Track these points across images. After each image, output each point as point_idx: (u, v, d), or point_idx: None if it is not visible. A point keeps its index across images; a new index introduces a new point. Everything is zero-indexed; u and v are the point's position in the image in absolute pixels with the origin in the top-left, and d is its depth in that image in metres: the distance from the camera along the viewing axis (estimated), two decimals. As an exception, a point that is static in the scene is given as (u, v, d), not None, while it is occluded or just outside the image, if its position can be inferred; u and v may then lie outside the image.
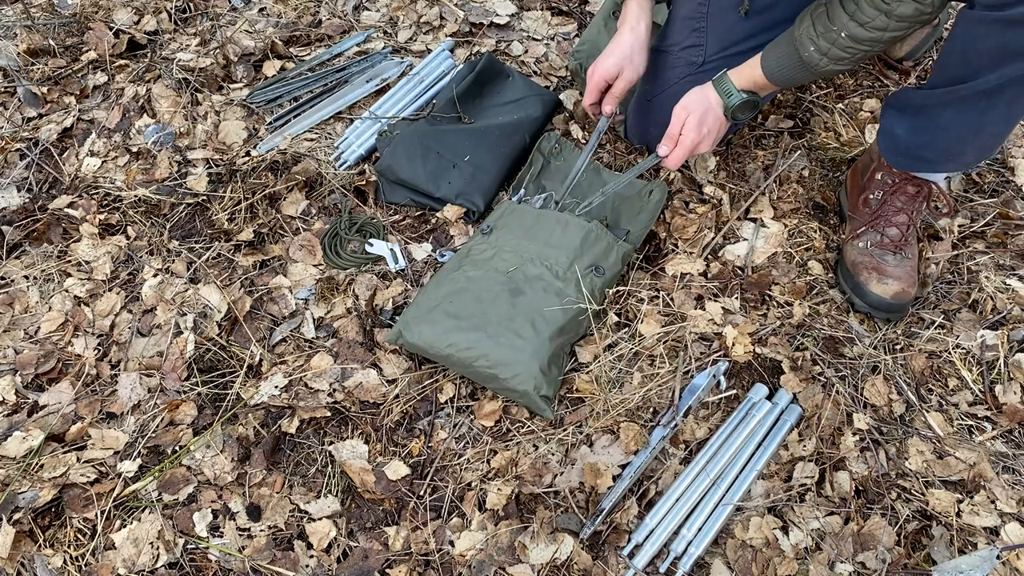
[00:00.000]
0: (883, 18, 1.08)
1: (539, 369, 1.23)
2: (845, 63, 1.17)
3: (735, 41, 1.36)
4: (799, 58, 1.19)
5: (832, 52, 1.15)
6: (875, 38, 1.11)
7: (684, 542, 1.12)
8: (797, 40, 1.18)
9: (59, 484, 1.20)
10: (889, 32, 1.10)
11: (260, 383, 1.32)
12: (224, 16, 1.95)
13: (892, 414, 1.25)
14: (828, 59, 1.16)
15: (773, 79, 1.25)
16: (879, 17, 1.08)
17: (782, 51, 1.22)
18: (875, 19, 1.08)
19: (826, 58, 1.16)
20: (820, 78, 1.27)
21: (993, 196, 1.55)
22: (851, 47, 1.13)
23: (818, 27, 1.15)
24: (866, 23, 1.09)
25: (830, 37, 1.14)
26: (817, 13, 1.16)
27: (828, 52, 1.15)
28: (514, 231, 1.39)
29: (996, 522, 1.13)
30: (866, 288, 1.33)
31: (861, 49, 1.13)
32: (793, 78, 1.24)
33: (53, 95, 1.79)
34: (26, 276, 1.49)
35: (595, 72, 1.40)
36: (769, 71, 1.24)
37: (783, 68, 1.23)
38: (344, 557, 1.16)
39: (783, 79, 1.24)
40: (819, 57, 1.16)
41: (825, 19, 1.14)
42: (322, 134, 1.71)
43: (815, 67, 1.18)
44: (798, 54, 1.19)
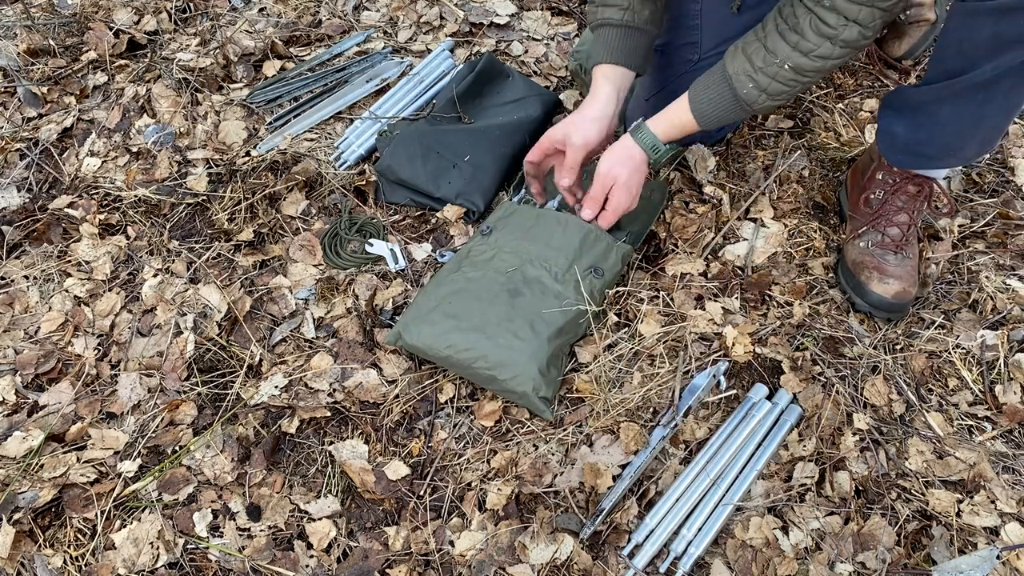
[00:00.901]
0: (828, 45, 1.08)
1: (538, 370, 1.22)
2: (783, 98, 1.16)
3: (729, 37, 1.36)
4: (734, 97, 1.17)
5: (772, 87, 1.14)
6: (818, 67, 1.10)
7: (684, 542, 1.12)
8: (732, 78, 1.16)
9: (59, 484, 1.20)
10: (832, 60, 1.09)
11: (260, 383, 1.32)
12: (224, 16, 1.95)
13: (892, 414, 1.25)
14: (767, 95, 1.15)
15: (704, 122, 1.22)
16: (824, 44, 1.08)
17: (713, 92, 1.19)
18: (820, 46, 1.08)
19: (765, 94, 1.15)
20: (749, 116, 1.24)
21: (993, 196, 1.55)
22: (793, 79, 1.12)
23: (755, 62, 1.13)
24: (810, 51, 1.09)
25: (770, 71, 1.12)
26: (752, 48, 1.14)
27: (768, 87, 1.14)
28: (514, 232, 1.38)
29: (996, 522, 1.13)
30: (867, 288, 1.33)
31: (802, 81, 1.13)
32: (725, 118, 1.22)
33: (53, 95, 1.79)
34: (26, 276, 1.49)
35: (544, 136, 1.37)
36: (700, 114, 1.22)
37: (716, 109, 1.20)
38: (344, 557, 1.16)
39: (715, 120, 1.22)
40: (758, 94, 1.15)
41: (763, 53, 1.12)
42: (322, 134, 1.71)
43: (752, 104, 1.16)
44: (733, 93, 1.16)
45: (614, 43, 1.32)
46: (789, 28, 1.10)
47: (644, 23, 1.32)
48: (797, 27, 1.09)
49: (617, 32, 1.31)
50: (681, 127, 1.25)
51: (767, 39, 1.12)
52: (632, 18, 1.30)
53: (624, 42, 1.32)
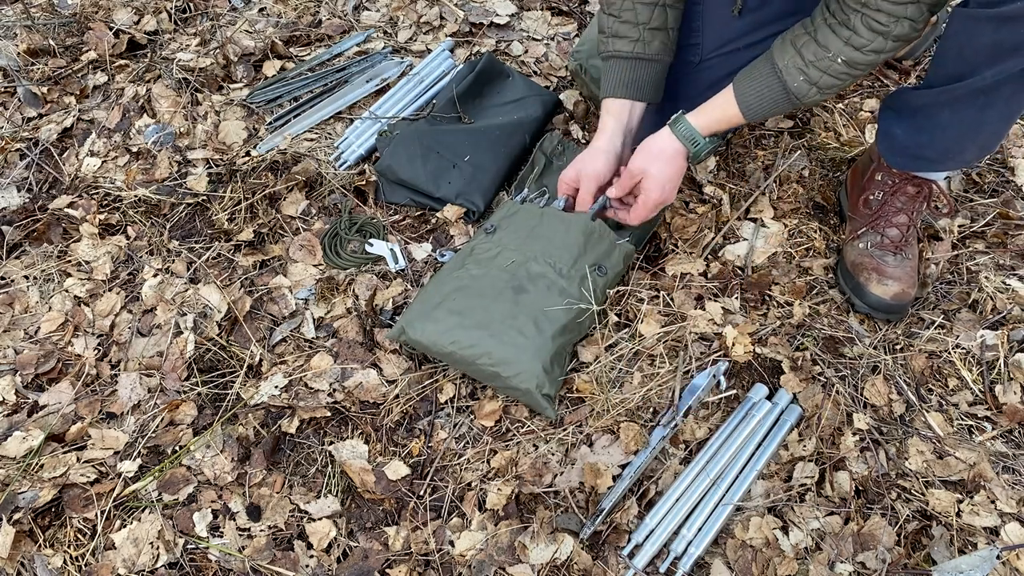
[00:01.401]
0: (880, 40, 1.08)
1: (541, 368, 1.23)
2: (832, 91, 1.16)
3: (730, 39, 1.37)
4: (784, 90, 1.16)
5: (824, 80, 1.13)
6: (871, 61, 1.10)
7: (684, 542, 1.12)
8: (782, 71, 1.15)
9: (59, 484, 1.20)
10: (885, 54, 1.10)
11: (260, 383, 1.32)
12: (224, 16, 1.95)
13: (892, 414, 1.25)
14: (817, 88, 1.14)
15: (752, 115, 1.21)
16: (877, 39, 1.08)
17: (762, 84, 1.18)
18: (873, 41, 1.08)
19: (815, 87, 1.14)
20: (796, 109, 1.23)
21: (993, 196, 1.55)
22: (845, 73, 1.12)
23: (806, 55, 1.13)
24: (864, 46, 1.09)
25: (822, 65, 1.12)
26: (802, 42, 1.13)
27: (819, 80, 1.13)
28: (518, 230, 1.39)
29: (996, 522, 1.13)
30: (866, 289, 1.33)
31: (854, 74, 1.12)
32: (772, 111, 1.21)
33: (53, 95, 1.79)
34: (26, 276, 1.49)
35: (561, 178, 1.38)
36: (747, 107, 1.20)
37: (764, 102, 1.19)
38: (344, 557, 1.16)
39: (761, 112, 1.21)
40: (808, 87, 1.14)
41: (814, 47, 1.12)
42: (322, 134, 1.71)
43: (803, 97, 1.16)
44: (783, 86, 1.16)
45: (623, 76, 1.32)
46: (839, 23, 1.09)
47: (655, 53, 1.32)
48: (848, 23, 1.08)
49: (626, 65, 1.32)
50: (726, 120, 1.23)
51: (817, 33, 1.12)
52: (642, 49, 1.31)
53: (632, 74, 1.32)
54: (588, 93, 1.70)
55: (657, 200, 1.29)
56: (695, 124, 1.24)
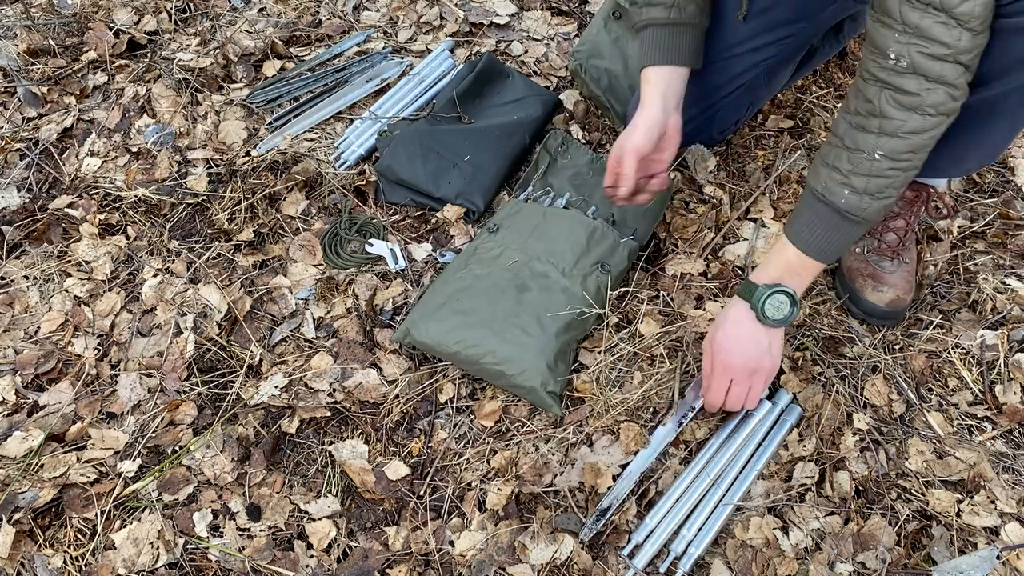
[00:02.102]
0: (915, 117, 0.96)
1: (546, 365, 1.23)
2: (889, 193, 1.02)
3: (734, 44, 1.36)
4: (835, 212, 1.04)
5: (872, 184, 1.01)
6: (914, 145, 0.98)
7: (684, 542, 1.12)
8: (823, 193, 1.04)
9: (59, 484, 1.20)
10: (926, 132, 0.97)
11: (260, 383, 1.32)
12: (224, 16, 1.95)
13: (892, 414, 1.25)
14: (869, 196, 1.02)
15: (811, 250, 1.08)
16: (911, 117, 0.96)
17: (809, 216, 1.07)
18: (908, 121, 0.96)
19: (867, 196, 1.02)
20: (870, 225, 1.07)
21: (993, 196, 1.55)
22: (891, 168, 1.00)
23: (842, 167, 1.02)
24: (899, 129, 0.97)
25: (863, 168, 1.01)
26: (833, 156, 1.03)
27: (867, 187, 1.02)
28: (521, 230, 1.39)
29: (996, 522, 1.13)
30: (861, 296, 1.33)
31: (901, 167, 1.00)
32: (836, 240, 1.07)
33: (53, 95, 1.79)
34: (26, 276, 1.49)
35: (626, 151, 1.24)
36: (803, 243, 1.08)
37: (818, 232, 1.07)
38: (344, 557, 1.16)
39: (824, 246, 1.08)
40: (858, 198, 1.02)
41: (847, 154, 1.01)
42: (322, 134, 1.71)
43: (858, 212, 1.03)
44: (833, 208, 1.04)
45: (660, 43, 1.26)
46: (865, 115, 0.99)
47: (691, 17, 1.26)
48: (874, 111, 0.98)
49: (663, 31, 1.26)
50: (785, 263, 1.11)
51: (845, 139, 1.02)
52: (679, 15, 1.25)
53: (671, 40, 1.26)
54: (588, 93, 1.70)
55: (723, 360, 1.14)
56: (753, 279, 1.13)
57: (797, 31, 1.37)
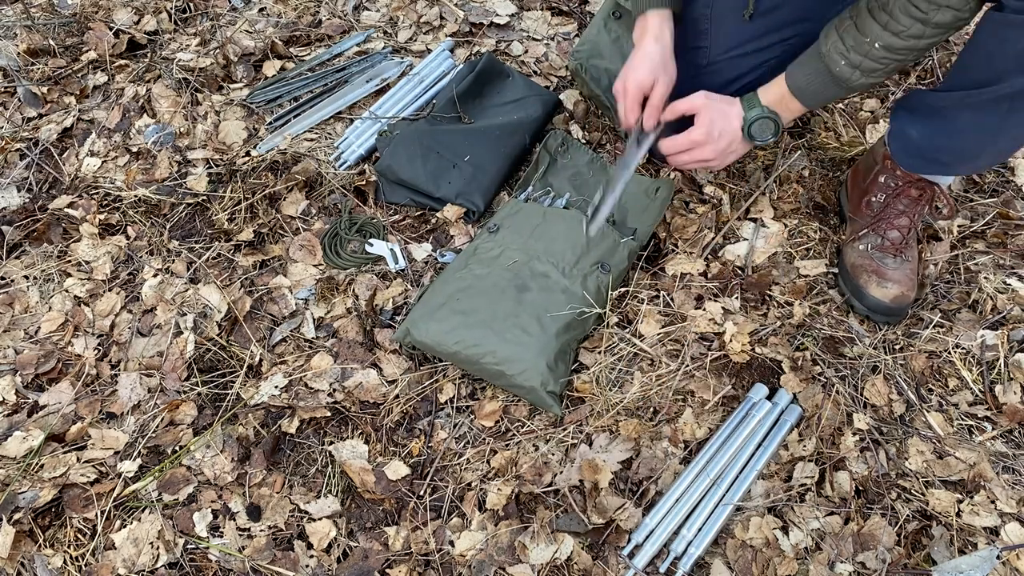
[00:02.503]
0: (919, 26, 1.05)
1: (546, 365, 1.23)
2: (878, 75, 1.14)
3: (739, 43, 1.36)
4: (830, 74, 1.16)
5: (865, 64, 1.12)
6: (910, 47, 1.08)
7: (684, 542, 1.12)
8: (825, 56, 1.15)
9: (59, 484, 1.20)
10: (925, 39, 1.07)
11: (260, 383, 1.32)
12: (224, 16, 1.95)
13: (892, 414, 1.25)
14: (861, 72, 1.13)
15: (802, 97, 1.21)
16: (915, 25, 1.06)
17: (810, 69, 1.19)
18: (911, 27, 1.06)
19: (858, 71, 1.13)
20: (852, 93, 1.23)
21: (993, 196, 1.55)
22: (886, 57, 1.10)
23: (847, 40, 1.12)
24: (901, 32, 1.07)
25: (862, 49, 1.11)
26: (844, 27, 1.13)
27: (860, 64, 1.12)
28: (521, 230, 1.39)
29: (996, 522, 1.13)
30: (865, 291, 1.33)
31: (895, 59, 1.11)
32: (823, 95, 1.20)
33: (53, 95, 1.79)
34: (26, 276, 1.49)
35: (628, 85, 1.30)
36: (797, 89, 1.20)
37: (812, 84, 1.19)
38: (344, 557, 1.16)
39: (812, 96, 1.21)
40: (851, 71, 1.14)
41: (854, 31, 1.11)
42: (322, 134, 1.71)
43: (847, 81, 1.15)
44: (828, 70, 1.15)
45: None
46: (879, 7, 1.08)
47: None
48: (886, 7, 1.07)
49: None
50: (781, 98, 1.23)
51: (858, 18, 1.11)
52: None
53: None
54: (588, 93, 1.70)
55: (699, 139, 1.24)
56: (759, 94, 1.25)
57: (802, 31, 1.37)
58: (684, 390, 1.28)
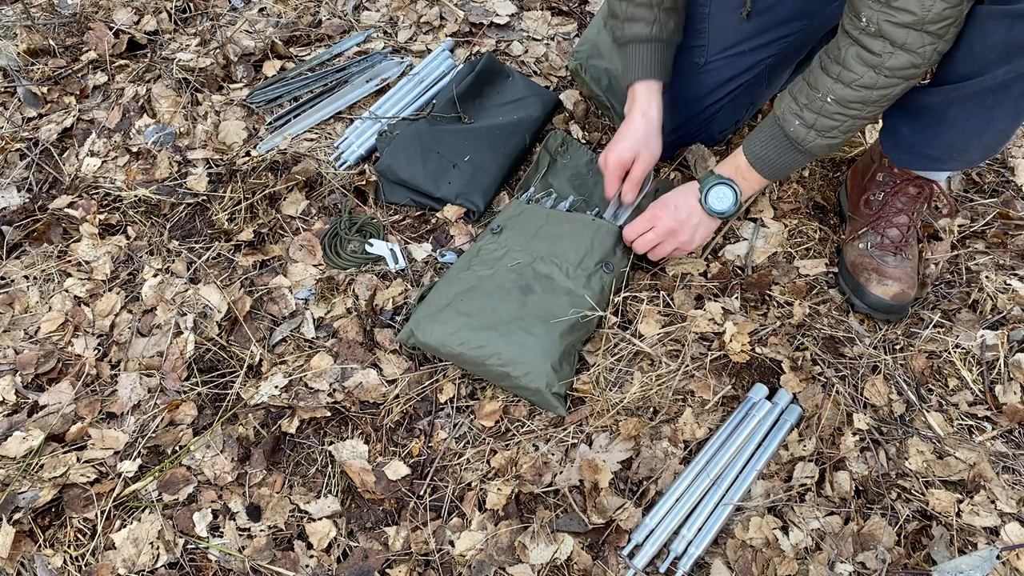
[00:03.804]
0: (871, 73, 1.05)
1: (551, 366, 1.23)
2: (834, 135, 1.13)
3: (736, 42, 1.36)
4: (784, 136, 1.16)
5: (819, 123, 1.12)
6: (863, 98, 1.08)
7: (684, 542, 1.12)
8: (780, 118, 1.15)
9: (59, 484, 1.20)
10: (878, 89, 1.06)
11: (260, 383, 1.32)
12: (224, 16, 1.95)
13: (892, 414, 1.25)
14: (816, 132, 1.13)
15: (759, 165, 1.22)
16: (867, 73, 1.05)
17: (765, 135, 1.20)
18: (863, 76, 1.05)
19: (813, 131, 1.13)
20: (811, 158, 1.20)
21: (993, 196, 1.55)
22: (839, 113, 1.10)
23: (800, 99, 1.12)
24: (853, 81, 1.06)
25: (815, 106, 1.11)
26: (798, 87, 1.13)
27: (815, 124, 1.12)
28: (524, 231, 1.39)
29: (996, 522, 1.13)
30: (866, 289, 1.33)
31: (849, 114, 1.10)
32: (780, 161, 1.21)
33: (53, 95, 1.79)
34: (26, 276, 1.49)
35: (608, 159, 1.36)
36: (753, 156, 1.21)
37: (768, 151, 1.20)
38: (344, 557, 1.16)
39: (769, 164, 1.22)
40: (805, 131, 1.13)
41: (807, 89, 1.11)
42: (322, 134, 1.71)
43: (802, 143, 1.15)
44: (782, 132, 1.16)
45: (647, 59, 1.33)
46: (831, 60, 1.08)
47: (671, 35, 1.33)
48: (839, 58, 1.07)
49: (647, 48, 1.32)
50: (734, 165, 1.25)
51: (810, 75, 1.11)
52: (660, 32, 1.31)
53: (655, 57, 1.33)
54: (588, 93, 1.70)
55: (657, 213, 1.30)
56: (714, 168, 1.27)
57: (799, 29, 1.37)
58: (684, 390, 1.28)
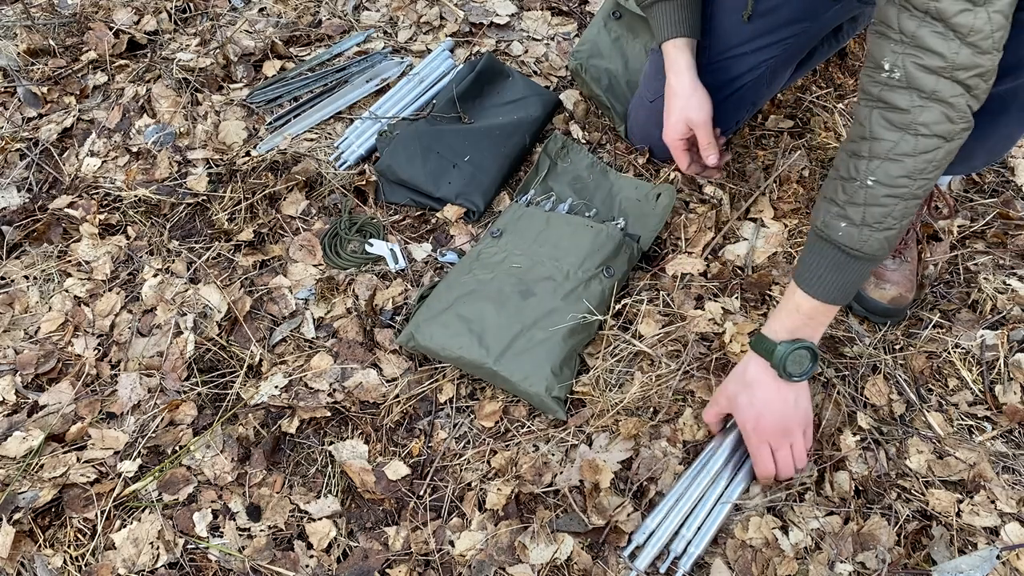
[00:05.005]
0: (908, 137, 0.91)
1: (550, 370, 1.23)
2: (891, 224, 0.97)
3: (739, 43, 1.36)
4: (837, 248, 1.00)
5: (869, 214, 0.97)
6: (909, 169, 0.93)
7: (684, 542, 1.12)
8: (823, 230, 1.01)
9: (59, 484, 1.20)
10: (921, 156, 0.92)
11: (260, 383, 1.32)
12: (224, 16, 1.95)
13: (892, 414, 1.25)
14: (868, 227, 0.97)
15: (823, 296, 1.04)
16: (901, 137, 0.92)
17: (814, 258, 1.03)
18: (897, 142, 0.92)
19: (865, 228, 0.97)
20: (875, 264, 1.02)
21: (993, 196, 1.55)
22: (887, 195, 0.95)
23: (839, 198, 0.98)
24: (890, 151, 0.93)
25: (858, 197, 0.96)
26: (830, 189, 1.00)
27: (864, 218, 0.97)
28: (524, 234, 1.39)
29: (996, 522, 1.13)
30: (864, 293, 1.33)
31: (898, 193, 0.95)
32: (843, 282, 1.03)
33: (53, 95, 1.79)
34: (26, 276, 1.49)
35: (669, 141, 1.34)
36: (813, 288, 1.03)
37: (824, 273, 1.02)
38: (344, 557, 1.16)
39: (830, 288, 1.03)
40: (857, 230, 0.98)
41: (842, 184, 0.98)
42: (322, 134, 1.71)
43: (861, 247, 0.99)
44: (833, 244, 1.00)
45: (673, 16, 1.31)
46: (857, 141, 0.96)
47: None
48: (864, 133, 0.94)
49: (672, 5, 1.31)
50: (795, 310, 1.07)
51: (840, 169, 0.99)
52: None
53: (681, 13, 1.31)
54: (588, 93, 1.70)
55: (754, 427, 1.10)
56: (766, 332, 1.09)
57: (801, 31, 1.37)
58: (684, 390, 1.28)
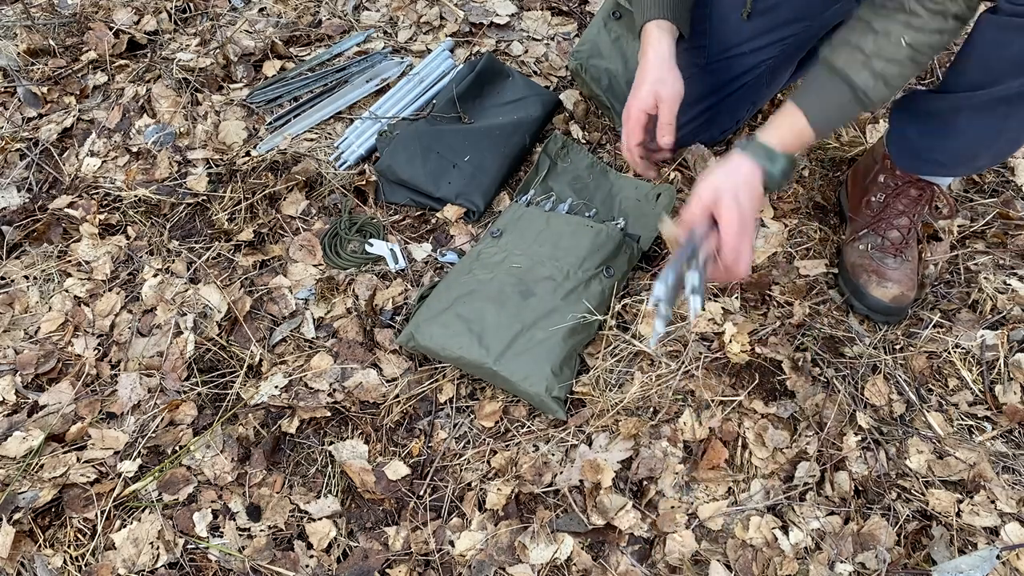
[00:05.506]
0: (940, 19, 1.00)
1: (550, 370, 1.23)
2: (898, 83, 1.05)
3: (738, 42, 1.36)
4: (851, 89, 1.05)
5: (889, 71, 1.03)
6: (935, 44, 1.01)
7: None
8: (842, 70, 1.05)
9: (59, 484, 1.20)
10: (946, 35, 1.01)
11: (260, 383, 1.32)
12: (224, 16, 1.95)
13: (892, 414, 1.25)
14: (884, 81, 1.04)
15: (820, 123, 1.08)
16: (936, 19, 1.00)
17: (826, 92, 1.08)
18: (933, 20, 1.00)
19: (882, 80, 1.04)
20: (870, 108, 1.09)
21: (993, 196, 1.55)
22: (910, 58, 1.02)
23: (866, 47, 1.03)
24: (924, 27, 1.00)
25: (886, 52, 1.02)
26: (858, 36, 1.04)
27: (885, 71, 1.03)
28: (524, 235, 1.39)
29: (996, 522, 1.13)
30: (865, 291, 1.33)
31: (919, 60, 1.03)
32: (841, 117, 1.11)
33: (53, 95, 1.79)
34: (26, 276, 1.49)
35: (630, 109, 1.25)
36: (816, 119, 1.08)
37: (830, 109, 1.08)
38: (344, 557, 1.16)
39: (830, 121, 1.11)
40: (874, 81, 1.04)
41: (872, 36, 1.03)
42: (322, 134, 1.71)
43: (871, 93, 1.05)
44: (849, 84, 1.05)
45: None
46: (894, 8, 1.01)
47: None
48: (904, 6, 1.00)
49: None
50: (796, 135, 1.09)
51: (874, 21, 1.03)
52: None
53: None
54: (588, 93, 1.70)
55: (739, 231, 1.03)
56: (766, 141, 1.08)
57: (800, 30, 1.37)
58: (684, 390, 1.28)
